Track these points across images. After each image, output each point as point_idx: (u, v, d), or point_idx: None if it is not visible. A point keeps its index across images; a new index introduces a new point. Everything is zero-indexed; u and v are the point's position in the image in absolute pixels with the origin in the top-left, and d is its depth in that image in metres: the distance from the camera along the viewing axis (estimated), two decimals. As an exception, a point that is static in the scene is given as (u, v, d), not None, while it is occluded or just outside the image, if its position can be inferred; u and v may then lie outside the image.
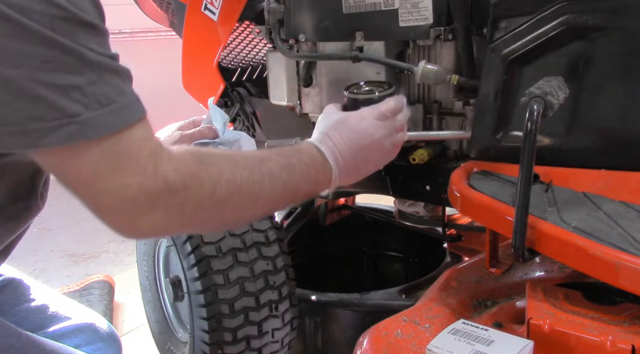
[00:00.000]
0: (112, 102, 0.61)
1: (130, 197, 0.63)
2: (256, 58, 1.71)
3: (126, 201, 0.64)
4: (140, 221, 0.65)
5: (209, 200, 0.69)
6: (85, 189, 0.63)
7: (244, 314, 1.04)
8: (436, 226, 1.52)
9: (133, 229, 0.66)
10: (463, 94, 1.15)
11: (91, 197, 0.64)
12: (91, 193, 0.63)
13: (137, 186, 0.63)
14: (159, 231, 0.68)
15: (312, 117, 1.31)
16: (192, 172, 0.68)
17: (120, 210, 0.64)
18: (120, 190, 0.63)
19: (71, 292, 2.05)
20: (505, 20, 0.92)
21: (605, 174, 0.85)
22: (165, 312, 1.36)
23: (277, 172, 0.76)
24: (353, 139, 0.86)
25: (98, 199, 0.63)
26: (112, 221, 0.66)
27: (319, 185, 0.83)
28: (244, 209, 0.74)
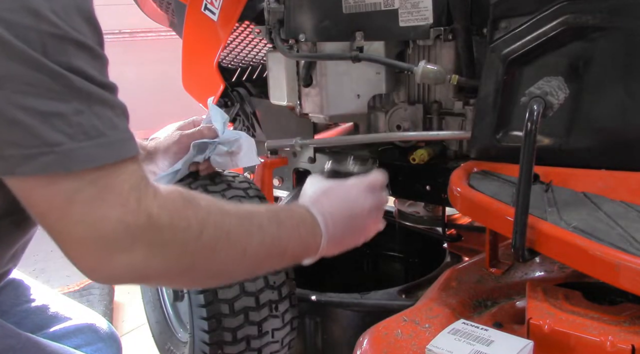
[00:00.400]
0: (101, 135, 0.56)
1: (108, 231, 0.57)
2: (256, 58, 1.71)
3: (103, 234, 0.57)
4: (116, 260, 0.58)
5: (195, 243, 0.63)
6: (57, 217, 0.57)
7: (243, 314, 1.04)
8: (436, 226, 1.52)
9: (105, 268, 0.59)
10: (463, 94, 1.15)
11: (62, 227, 0.57)
12: (63, 223, 0.57)
13: (116, 219, 0.57)
14: (134, 274, 0.61)
15: (312, 117, 1.31)
16: (179, 210, 0.62)
17: (95, 244, 0.57)
18: (97, 221, 0.57)
19: (71, 292, 2.05)
20: (505, 20, 0.92)
21: (605, 174, 0.85)
22: (165, 312, 1.36)
23: (266, 225, 0.71)
24: (343, 206, 0.82)
25: (70, 230, 0.57)
26: (82, 256, 0.59)
27: (307, 248, 0.77)
28: (230, 260, 0.68)
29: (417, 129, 1.19)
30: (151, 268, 0.61)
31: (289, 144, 1.28)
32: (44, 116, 0.53)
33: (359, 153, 1.31)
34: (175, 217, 0.62)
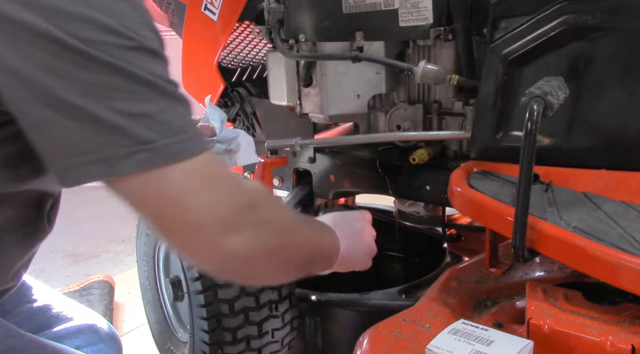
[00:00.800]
0: (183, 131, 0.61)
1: (221, 214, 0.63)
2: (256, 58, 1.71)
3: (216, 218, 0.63)
4: (228, 241, 0.64)
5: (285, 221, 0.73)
6: (167, 209, 0.62)
7: (243, 314, 1.04)
8: (436, 226, 1.52)
9: (219, 250, 0.65)
10: (463, 94, 1.15)
11: (174, 218, 0.62)
12: (175, 213, 0.62)
13: (226, 202, 0.64)
14: (243, 253, 0.67)
15: (312, 117, 1.31)
16: (267, 192, 0.73)
17: (209, 228, 0.63)
18: (210, 206, 0.63)
19: (71, 292, 2.06)
20: (505, 20, 0.92)
21: (605, 174, 0.85)
22: (165, 312, 1.36)
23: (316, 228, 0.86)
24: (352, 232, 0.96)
25: (183, 219, 0.62)
26: (195, 243, 0.64)
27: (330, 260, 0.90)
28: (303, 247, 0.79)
29: (417, 129, 1.19)
30: (257, 246, 0.68)
31: (289, 144, 1.28)
32: (135, 117, 0.58)
33: (359, 153, 1.31)
34: (268, 198, 0.72)
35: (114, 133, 0.58)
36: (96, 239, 2.61)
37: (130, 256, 2.44)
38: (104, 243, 2.61)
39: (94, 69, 0.56)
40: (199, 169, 0.62)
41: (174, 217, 0.63)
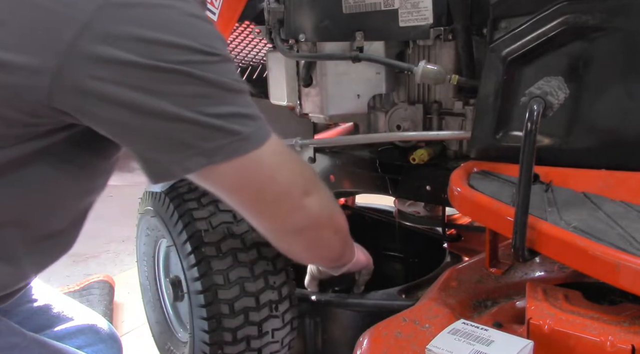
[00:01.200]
0: (259, 118, 0.76)
1: (300, 181, 0.82)
2: (256, 58, 1.71)
3: (298, 184, 0.82)
4: (306, 202, 0.83)
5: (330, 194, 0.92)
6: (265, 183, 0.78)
7: (244, 314, 1.04)
8: (436, 226, 1.52)
9: (301, 209, 0.83)
10: (463, 94, 1.15)
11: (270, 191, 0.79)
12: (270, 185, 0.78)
13: (301, 171, 0.84)
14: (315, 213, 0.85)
15: (312, 117, 1.31)
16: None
17: (294, 193, 0.81)
18: (293, 176, 0.81)
19: (71, 292, 2.05)
20: (505, 20, 0.92)
21: (605, 174, 0.85)
22: (165, 312, 1.36)
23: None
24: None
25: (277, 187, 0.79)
26: (285, 207, 0.81)
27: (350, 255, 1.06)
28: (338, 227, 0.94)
29: (417, 129, 1.19)
30: (322, 207, 0.87)
31: (289, 144, 1.28)
32: (224, 117, 0.71)
33: (359, 153, 1.31)
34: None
35: (209, 131, 0.70)
36: (96, 239, 2.60)
37: (130, 256, 2.44)
38: (104, 243, 2.61)
39: (190, 83, 0.68)
40: (277, 149, 0.78)
41: (267, 190, 0.79)
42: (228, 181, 0.76)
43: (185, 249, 1.07)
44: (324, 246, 0.94)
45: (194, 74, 0.67)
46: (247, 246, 1.07)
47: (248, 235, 1.07)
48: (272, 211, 0.82)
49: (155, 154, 0.72)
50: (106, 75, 0.65)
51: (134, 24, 0.65)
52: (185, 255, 1.07)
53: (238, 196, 0.80)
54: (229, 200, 0.82)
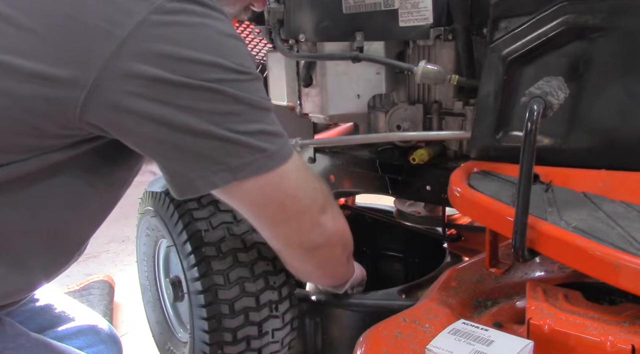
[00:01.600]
0: (282, 135, 0.78)
1: (319, 199, 0.85)
2: (256, 58, 1.71)
3: (317, 202, 0.84)
4: (322, 219, 0.85)
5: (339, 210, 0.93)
6: (287, 200, 0.80)
7: (244, 314, 1.04)
8: (436, 226, 1.52)
9: (318, 226, 0.85)
10: (463, 94, 1.15)
11: (292, 204, 0.81)
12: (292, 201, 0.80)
13: (320, 189, 0.86)
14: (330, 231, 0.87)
15: (312, 117, 1.31)
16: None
17: (313, 210, 0.84)
18: (313, 193, 0.84)
19: (71, 292, 2.05)
20: (505, 20, 0.92)
21: (605, 174, 0.85)
22: (165, 312, 1.36)
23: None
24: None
25: (298, 204, 0.81)
26: (304, 223, 0.84)
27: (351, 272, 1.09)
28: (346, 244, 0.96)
29: (417, 129, 1.19)
30: (336, 225, 0.88)
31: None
32: (251, 134, 0.73)
33: (359, 153, 1.31)
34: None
35: (237, 148, 0.72)
36: (96, 239, 2.58)
37: (130, 256, 2.44)
38: (104, 243, 2.61)
39: (220, 101, 0.70)
40: (298, 166, 0.80)
41: (288, 206, 0.81)
42: (252, 197, 0.78)
43: (185, 249, 1.07)
44: (333, 264, 0.97)
45: (225, 92, 0.70)
46: (247, 246, 1.07)
47: (248, 235, 1.07)
48: (291, 227, 0.84)
49: (181, 168, 0.74)
50: (139, 91, 0.66)
51: (170, 42, 0.66)
52: (186, 255, 1.07)
53: (260, 211, 0.82)
54: (250, 215, 0.84)
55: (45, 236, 0.79)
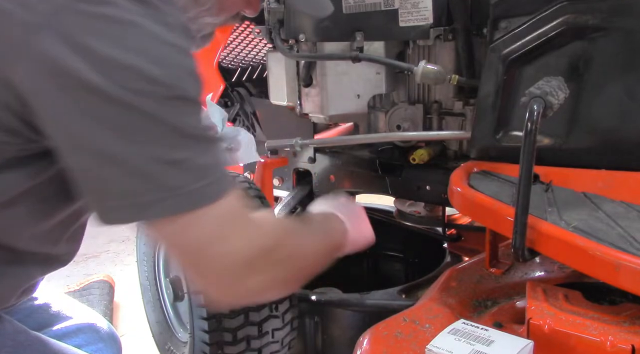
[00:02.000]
0: (213, 172, 0.64)
1: (245, 257, 0.66)
2: (256, 58, 1.71)
3: (241, 262, 0.66)
4: (249, 282, 0.68)
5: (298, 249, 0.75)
6: (199, 255, 0.65)
7: (244, 314, 1.04)
8: (436, 226, 1.52)
9: (240, 289, 0.68)
10: (463, 94, 1.15)
11: (205, 261, 0.66)
12: (205, 258, 0.65)
13: (250, 245, 0.67)
14: (261, 290, 0.71)
15: (312, 117, 1.31)
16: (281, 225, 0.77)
17: (235, 271, 0.66)
18: (235, 251, 0.66)
19: (71, 292, 2.05)
20: (505, 20, 0.92)
21: (605, 174, 0.85)
22: (165, 312, 1.36)
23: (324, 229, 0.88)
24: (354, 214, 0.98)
25: (211, 262, 0.65)
26: (221, 283, 0.67)
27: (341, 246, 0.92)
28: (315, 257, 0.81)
29: (417, 129, 1.19)
30: (276, 281, 0.72)
31: (289, 144, 1.28)
32: (166, 165, 0.60)
33: (359, 153, 1.31)
34: (287, 233, 0.74)
35: (145, 180, 0.60)
36: (96, 239, 2.60)
37: (130, 256, 2.44)
38: (104, 243, 2.61)
39: (133, 117, 0.58)
40: (224, 214, 0.65)
41: (200, 263, 0.66)
42: (162, 236, 0.66)
43: (185, 249, 1.06)
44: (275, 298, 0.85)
45: (142, 107, 0.58)
46: (247, 246, 1.07)
47: (248, 235, 1.07)
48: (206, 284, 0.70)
49: (86, 190, 0.64)
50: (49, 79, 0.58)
51: (90, 34, 0.57)
52: (185, 255, 1.07)
53: (174, 253, 0.70)
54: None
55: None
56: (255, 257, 0.68)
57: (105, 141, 0.59)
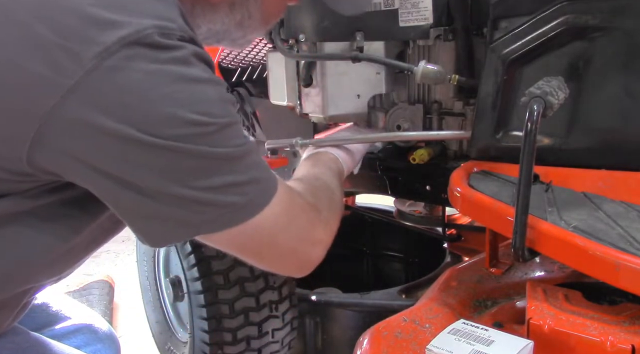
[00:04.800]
0: (258, 182, 0.69)
1: (305, 237, 0.76)
2: (256, 58, 1.71)
3: (303, 241, 0.76)
4: (313, 254, 0.78)
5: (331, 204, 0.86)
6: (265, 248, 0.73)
7: (244, 314, 1.04)
8: (436, 226, 1.52)
9: (310, 261, 0.78)
10: (463, 94, 1.15)
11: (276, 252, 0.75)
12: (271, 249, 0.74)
13: (305, 224, 0.76)
14: (324, 252, 0.80)
15: (312, 117, 1.31)
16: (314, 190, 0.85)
17: (301, 249, 0.77)
18: (296, 234, 0.75)
19: (71, 292, 2.06)
20: (505, 20, 0.92)
21: (605, 174, 0.85)
22: (165, 312, 1.36)
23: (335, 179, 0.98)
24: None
25: (282, 251, 0.75)
26: (295, 263, 0.78)
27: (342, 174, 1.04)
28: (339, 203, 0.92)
29: (417, 129, 1.19)
30: (329, 238, 0.81)
31: (289, 144, 1.28)
32: (216, 190, 0.65)
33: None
34: (320, 196, 0.84)
35: (198, 206, 0.64)
36: (96, 239, 2.60)
37: (130, 256, 2.44)
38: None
39: (178, 159, 0.62)
40: (277, 210, 0.71)
41: (268, 253, 0.74)
42: (223, 245, 0.73)
43: (185, 249, 1.07)
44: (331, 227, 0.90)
45: (182, 149, 0.62)
46: (247, 246, 1.06)
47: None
48: (277, 268, 0.81)
49: (136, 222, 0.68)
50: (86, 140, 0.60)
51: (122, 91, 0.59)
52: (185, 255, 1.07)
53: (237, 254, 0.76)
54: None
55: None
56: (310, 234, 0.77)
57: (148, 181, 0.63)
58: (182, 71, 0.62)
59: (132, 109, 0.60)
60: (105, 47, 0.58)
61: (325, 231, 0.80)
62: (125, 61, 0.59)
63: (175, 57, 0.62)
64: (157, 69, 0.61)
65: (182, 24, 0.65)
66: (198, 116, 0.62)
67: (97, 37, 0.59)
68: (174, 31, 0.63)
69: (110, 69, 0.59)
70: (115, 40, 0.59)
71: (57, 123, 0.59)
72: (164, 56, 0.61)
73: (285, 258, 0.77)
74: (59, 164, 0.63)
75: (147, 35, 0.60)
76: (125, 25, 0.59)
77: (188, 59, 0.63)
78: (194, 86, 0.63)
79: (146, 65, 0.60)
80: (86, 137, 0.60)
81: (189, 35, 0.65)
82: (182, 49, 0.63)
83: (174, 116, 0.61)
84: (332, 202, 0.87)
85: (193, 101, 0.62)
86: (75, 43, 0.58)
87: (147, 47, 0.60)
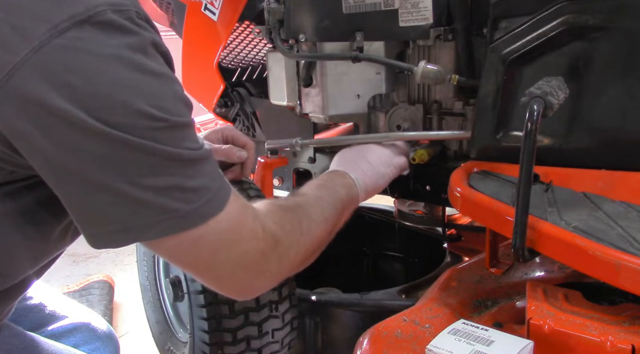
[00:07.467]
0: (208, 191, 0.65)
1: (251, 262, 0.70)
2: (256, 58, 1.71)
3: (247, 266, 0.70)
4: (259, 281, 0.73)
5: (300, 237, 0.77)
6: (205, 266, 0.68)
7: (244, 314, 1.04)
8: (436, 226, 1.52)
9: (253, 289, 0.74)
10: (463, 94, 1.15)
11: (212, 272, 0.69)
12: (212, 268, 0.69)
13: (253, 249, 0.70)
14: (272, 283, 0.76)
15: (312, 117, 1.31)
16: (283, 218, 0.77)
17: (241, 275, 0.70)
18: (240, 257, 0.69)
19: (71, 292, 2.06)
20: (505, 20, 0.92)
21: (605, 174, 0.85)
22: (165, 312, 1.36)
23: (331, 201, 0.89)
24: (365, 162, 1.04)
25: (219, 271, 0.69)
26: (233, 288, 0.72)
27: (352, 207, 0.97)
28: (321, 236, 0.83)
29: (417, 129, 1.19)
30: (283, 273, 0.75)
31: (289, 144, 1.28)
32: (161, 191, 0.61)
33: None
34: (285, 225, 0.75)
35: (139, 207, 0.61)
36: (96, 239, 2.60)
37: (130, 256, 2.44)
38: (104, 243, 2.61)
39: (124, 150, 0.59)
40: (223, 226, 0.66)
41: (204, 270, 0.69)
42: (163, 254, 0.69)
43: (185, 249, 1.06)
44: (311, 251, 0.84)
45: (129, 140, 0.58)
46: (247, 246, 1.06)
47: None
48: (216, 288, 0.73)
49: (77, 217, 0.64)
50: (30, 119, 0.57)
51: (71, 72, 0.56)
52: (185, 255, 1.07)
53: (174, 264, 0.73)
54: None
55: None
56: (258, 261, 0.70)
57: (93, 172, 0.59)
58: (138, 60, 0.59)
59: (81, 90, 0.56)
60: (54, 24, 0.55)
61: (280, 263, 0.73)
62: (76, 41, 0.56)
63: (131, 43, 0.59)
64: (112, 53, 0.57)
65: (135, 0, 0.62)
66: (150, 108, 0.59)
67: (46, 13, 0.56)
68: (128, 8, 0.59)
69: (59, 48, 0.56)
70: (66, 18, 0.56)
71: (3, 101, 0.56)
72: (119, 40, 0.58)
73: (222, 280, 0.71)
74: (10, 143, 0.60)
75: (99, 12, 0.57)
76: (76, 1, 0.57)
77: (145, 48, 0.61)
78: (149, 78, 0.60)
79: (100, 48, 0.57)
80: (32, 117, 0.57)
81: (144, 15, 0.62)
82: (139, 34, 0.60)
83: (124, 104, 0.58)
84: (306, 235, 0.79)
85: (147, 93, 0.60)
86: (22, 19, 0.56)
87: (100, 27, 0.57)
